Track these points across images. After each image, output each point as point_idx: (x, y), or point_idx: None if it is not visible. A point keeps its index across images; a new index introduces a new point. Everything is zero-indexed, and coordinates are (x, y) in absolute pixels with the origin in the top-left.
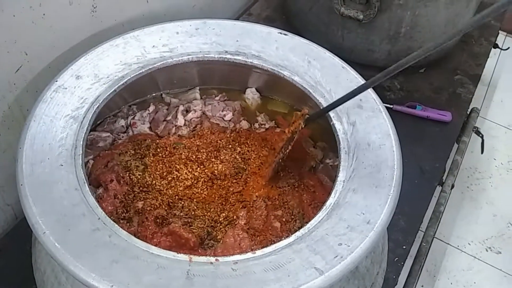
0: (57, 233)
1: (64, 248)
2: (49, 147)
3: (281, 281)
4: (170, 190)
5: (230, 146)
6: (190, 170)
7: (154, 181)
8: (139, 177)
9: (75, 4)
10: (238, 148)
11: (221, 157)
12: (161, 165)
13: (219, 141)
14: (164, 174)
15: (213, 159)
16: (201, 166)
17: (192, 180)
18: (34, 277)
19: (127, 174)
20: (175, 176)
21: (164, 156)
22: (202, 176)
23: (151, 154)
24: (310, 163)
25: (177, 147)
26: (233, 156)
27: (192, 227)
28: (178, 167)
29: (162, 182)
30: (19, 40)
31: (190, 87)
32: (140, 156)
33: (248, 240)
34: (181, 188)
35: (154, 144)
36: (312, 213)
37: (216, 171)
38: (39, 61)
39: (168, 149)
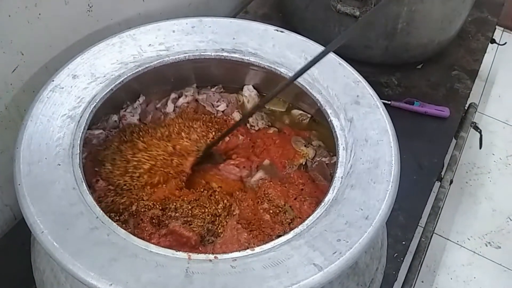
0: (56, 232)
1: (62, 247)
2: (47, 147)
3: (280, 277)
4: (135, 183)
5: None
6: (151, 150)
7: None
8: (110, 169)
9: (71, 3)
10: (210, 134)
11: (191, 136)
12: (130, 152)
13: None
14: (129, 157)
15: (182, 134)
16: (168, 142)
17: (151, 163)
18: (34, 277)
19: (103, 170)
20: (135, 163)
21: (140, 138)
22: (162, 152)
23: (134, 140)
24: (299, 161)
25: (156, 128)
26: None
27: (192, 226)
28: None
29: (126, 178)
30: (15, 40)
31: (187, 85)
32: (122, 148)
33: (246, 233)
34: (137, 174)
35: (137, 128)
36: (300, 205)
37: (179, 146)
38: (35, 61)
39: (149, 131)
